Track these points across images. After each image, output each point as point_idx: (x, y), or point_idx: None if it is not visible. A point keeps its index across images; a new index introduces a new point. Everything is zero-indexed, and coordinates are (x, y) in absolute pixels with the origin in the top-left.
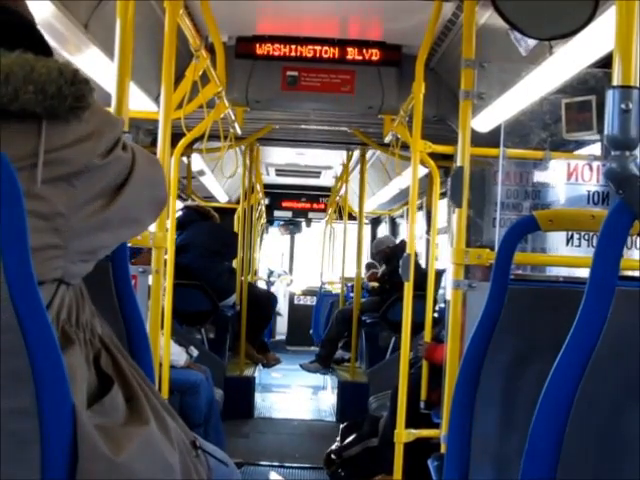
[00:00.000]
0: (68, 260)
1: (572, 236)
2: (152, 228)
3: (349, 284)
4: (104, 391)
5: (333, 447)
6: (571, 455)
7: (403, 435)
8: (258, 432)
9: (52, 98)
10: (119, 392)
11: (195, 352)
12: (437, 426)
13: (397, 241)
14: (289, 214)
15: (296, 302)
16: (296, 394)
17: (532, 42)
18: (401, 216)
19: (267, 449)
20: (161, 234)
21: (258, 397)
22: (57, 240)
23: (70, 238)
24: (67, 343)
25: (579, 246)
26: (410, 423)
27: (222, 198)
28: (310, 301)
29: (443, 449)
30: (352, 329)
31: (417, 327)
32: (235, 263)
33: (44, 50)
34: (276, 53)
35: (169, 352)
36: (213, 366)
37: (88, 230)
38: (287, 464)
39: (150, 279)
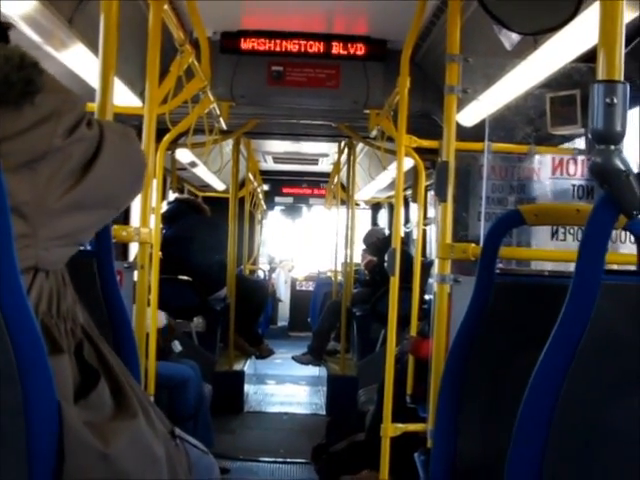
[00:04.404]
0: (40, 247)
1: (557, 230)
2: (137, 224)
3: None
4: (88, 383)
5: (320, 442)
6: (557, 448)
7: (389, 429)
8: (246, 427)
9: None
10: (105, 386)
11: (178, 347)
12: (423, 420)
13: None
14: (290, 200)
15: (298, 288)
16: (290, 385)
17: (517, 36)
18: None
19: (255, 444)
20: (146, 230)
21: (251, 389)
22: (25, 229)
23: (39, 225)
24: (49, 339)
25: (564, 240)
26: (396, 417)
27: (219, 186)
28: (312, 287)
29: (429, 444)
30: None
31: (406, 319)
32: (226, 255)
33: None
34: (261, 48)
35: (154, 346)
36: (202, 361)
37: (59, 213)
38: (274, 459)
39: (135, 275)
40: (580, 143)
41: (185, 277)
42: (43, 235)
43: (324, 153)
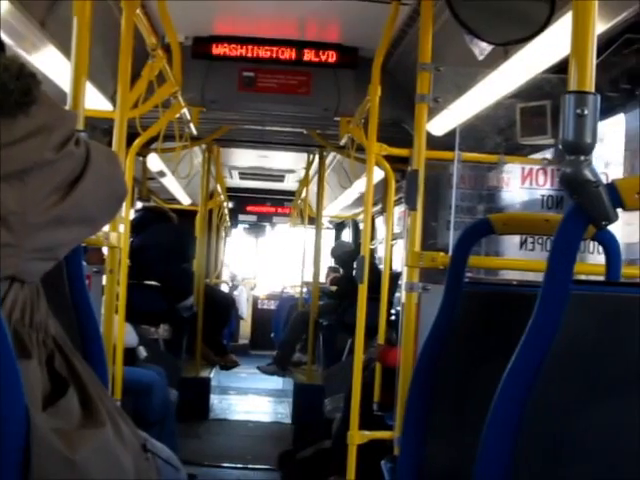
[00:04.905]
0: (22, 258)
1: (526, 240)
2: (106, 228)
3: (309, 287)
4: (58, 393)
5: (286, 449)
6: (524, 457)
7: (356, 437)
8: (212, 434)
9: None
10: (74, 395)
11: (143, 353)
12: (390, 428)
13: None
14: (254, 218)
15: (260, 306)
16: (254, 397)
17: (487, 46)
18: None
19: (220, 451)
20: (115, 234)
21: (215, 399)
22: (9, 238)
23: (24, 236)
24: (20, 345)
25: (533, 250)
26: (363, 425)
27: (184, 200)
28: (274, 305)
29: (396, 451)
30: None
31: (373, 330)
32: (195, 265)
33: None
34: (232, 54)
35: (121, 353)
36: (168, 367)
37: (43, 227)
38: (240, 465)
39: (104, 279)
40: (548, 154)
41: (153, 282)
42: (25, 246)
43: (290, 169)
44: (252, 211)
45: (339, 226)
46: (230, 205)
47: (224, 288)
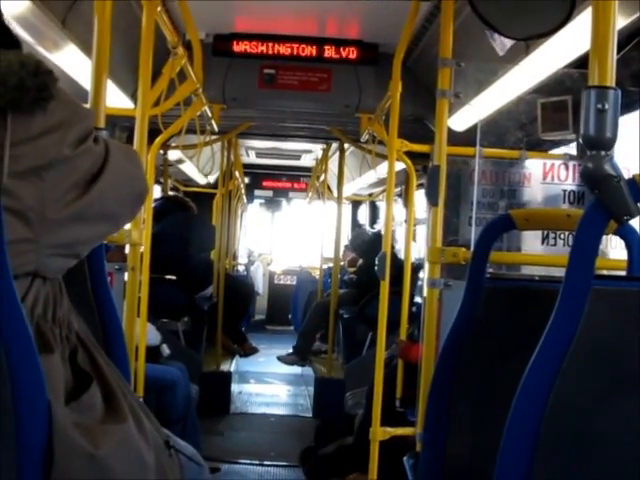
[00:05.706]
0: (41, 254)
1: (547, 235)
2: (127, 225)
3: (328, 266)
4: (80, 388)
5: (308, 445)
6: (546, 453)
7: (378, 433)
8: (233, 429)
9: (14, 90)
10: (97, 390)
11: (167, 351)
12: (412, 424)
13: (375, 229)
14: (270, 193)
15: (276, 281)
16: (273, 384)
17: (509, 42)
18: (381, 200)
19: (242, 447)
20: (137, 231)
21: (235, 388)
22: (28, 234)
23: (42, 231)
24: (42, 340)
25: (554, 245)
26: (385, 421)
27: (201, 180)
28: (290, 280)
29: (418, 447)
30: (329, 323)
31: (394, 324)
32: (213, 254)
33: (10, 41)
34: (253, 51)
35: (144, 350)
36: (189, 361)
37: (62, 223)
38: (262, 462)
39: (126, 276)
40: (570, 149)
41: (172, 277)
42: (44, 242)
43: (308, 149)
44: (268, 186)
45: (355, 203)
46: (246, 180)
47: (241, 268)
